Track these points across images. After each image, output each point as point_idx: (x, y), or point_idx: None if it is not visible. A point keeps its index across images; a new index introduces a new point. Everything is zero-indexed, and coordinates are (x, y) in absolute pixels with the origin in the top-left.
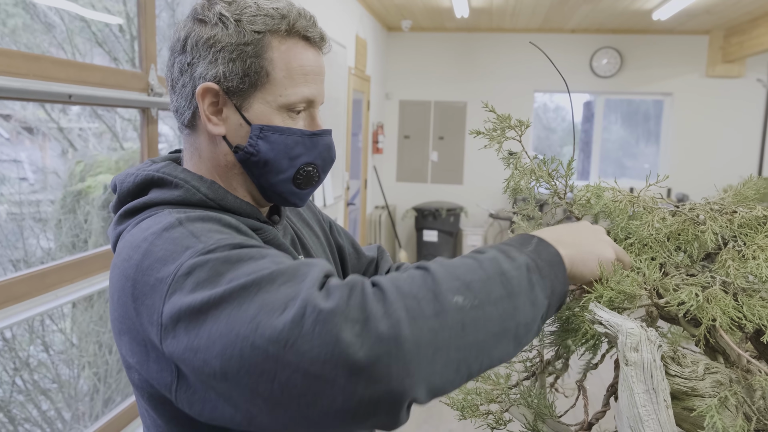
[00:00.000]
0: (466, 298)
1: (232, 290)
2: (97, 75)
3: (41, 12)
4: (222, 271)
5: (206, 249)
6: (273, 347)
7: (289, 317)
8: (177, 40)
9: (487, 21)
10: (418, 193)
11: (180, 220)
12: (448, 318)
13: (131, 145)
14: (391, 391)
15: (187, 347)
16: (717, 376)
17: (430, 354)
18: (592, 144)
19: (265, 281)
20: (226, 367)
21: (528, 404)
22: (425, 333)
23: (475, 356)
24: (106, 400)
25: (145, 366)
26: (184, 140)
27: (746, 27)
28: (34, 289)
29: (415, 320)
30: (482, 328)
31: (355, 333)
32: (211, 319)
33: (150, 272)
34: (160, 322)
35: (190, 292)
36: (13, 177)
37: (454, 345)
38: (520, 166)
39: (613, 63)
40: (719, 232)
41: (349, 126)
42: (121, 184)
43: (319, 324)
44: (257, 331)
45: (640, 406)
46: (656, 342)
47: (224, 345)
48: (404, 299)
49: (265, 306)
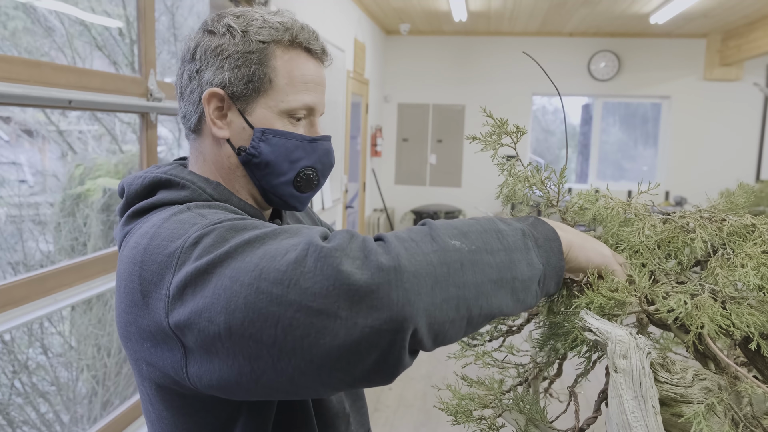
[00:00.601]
0: (463, 243)
1: (237, 246)
2: (96, 80)
3: (41, 15)
4: (227, 237)
5: (213, 222)
6: (276, 288)
7: (292, 258)
8: (187, 50)
9: (485, 24)
10: (416, 196)
11: (188, 206)
12: (446, 256)
13: (130, 148)
14: (392, 318)
15: (192, 311)
16: (706, 383)
17: (429, 285)
18: (591, 146)
19: (268, 236)
20: (230, 320)
21: (520, 409)
22: (424, 266)
23: (474, 297)
24: (104, 403)
25: (153, 353)
26: (191, 145)
27: (744, 30)
28: (34, 293)
29: (414, 255)
30: (480, 272)
31: (356, 266)
32: (215, 277)
33: (157, 250)
34: (167, 295)
35: (197, 258)
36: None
37: (453, 281)
38: (514, 173)
39: (611, 66)
40: (708, 240)
41: (347, 129)
42: (129, 186)
43: (320, 260)
44: (261, 276)
45: (629, 412)
46: (645, 349)
47: (228, 298)
48: (403, 242)
49: (268, 254)
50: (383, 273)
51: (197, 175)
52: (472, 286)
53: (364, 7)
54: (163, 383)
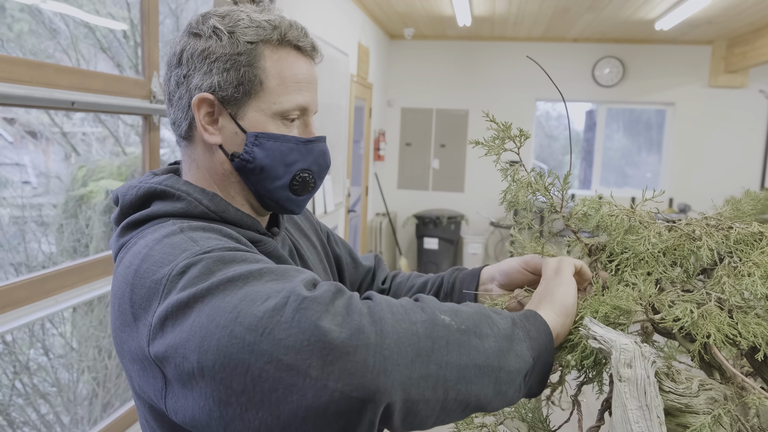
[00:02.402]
0: (453, 320)
1: (219, 283)
2: (99, 82)
3: (47, 17)
4: (214, 270)
5: (202, 250)
6: (250, 335)
7: (271, 305)
8: (173, 55)
9: (489, 29)
10: (419, 201)
11: (182, 228)
12: (434, 330)
13: (133, 150)
14: (364, 386)
15: (170, 344)
16: (711, 393)
17: (410, 357)
18: (594, 153)
19: (252, 276)
20: (203, 360)
21: (522, 417)
22: (408, 335)
23: (455, 379)
24: (104, 405)
25: (142, 376)
26: (182, 152)
27: (749, 37)
28: (35, 294)
29: (399, 321)
30: (465, 354)
31: (336, 322)
32: (195, 312)
33: (147, 275)
34: (151, 324)
35: (181, 290)
36: (16, 180)
37: (435, 359)
38: (518, 179)
39: (616, 72)
40: (715, 248)
41: (350, 133)
42: (123, 196)
43: (299, 312)
44: (237, 319)
45: (634, 422)
46: (650, 358)
47: (203, 337)
48: (391, 306)
49: (248, 296)
50: (363, 335)
51: (193, 186)
52: (455, 367)
53: (368, 12)
54: (141, 396)
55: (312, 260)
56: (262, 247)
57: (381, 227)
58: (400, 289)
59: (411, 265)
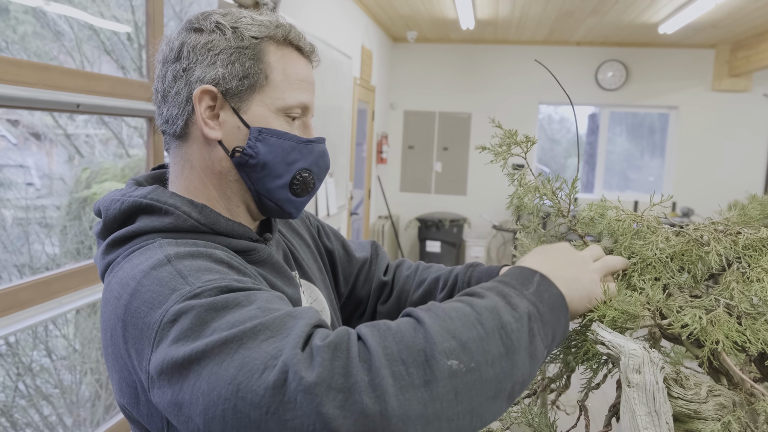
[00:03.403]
0: (461, 361)
1: (214, 345)
2: (104, 84)
3: (51, 20)
4: (206, 320)
5: (192, 293)
6: (255, 413)
7: (270, 382)
8: (170, 50)
9: (493, 33)
10: (421, 204)
11: (168, 257)
12: (440, 387)
13: (137, 152)
14: None
15: (171, 401)
16: (720, 399)
17: (419, 428)
18: (597, 156)
19: (246, 336)
20: (210, 426)
21: (529, 423)
22: (414, 405)
23: (468, 423)
24: (107, 407)
25: (135, 408)
26: (173, 153)
27: (753, 41)
28: (39, 296)
29: (403, 391)
30: (477, 393)
31: (338, 405)
32: (193, 375)
33: (138, 315)
34: (147, 371)
35: (173, 343)
36: (19, 182)
37: (446, 416)
38: (525, 183)
39: (619, 76)
40: (723, 253)
41: (353, 136)
42: (106, 210)
43: (300, 393)
44: (238, 393)
45: (642, 428)
46: (659, 364)
47: (206, 404)
48: (391, 365)
49: (245, 366)
50: (367, 420)
51: (180, 198)
52: (467, 413)
53: (372, 15)
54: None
55: (307, 261)
56: (256, 255)
57: (383, 230)
58: (408, 283)
59: None
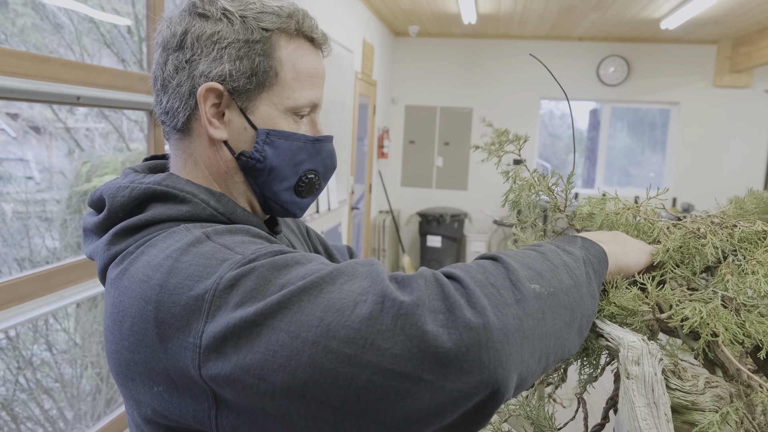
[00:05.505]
0: (541, 286)
1: (291, 294)
2: (105, 77)
3: (50, 12)
4: (270, 278)
5: (246, 259)
6: (349, 348)
7: (366, 313)
8: (172, 36)
9: (495, 27)
10: (422, 199)
11: (207, 234)
12: (530, 305)
13: (137, 146)
14: (483, 382)
15: (237, 366)
16: (717, 390)
17: (518, 342)
18: (598, 152)
19: (325, 281)
20: (290, 380)
21: (527, 415)
22: (511, 320)
23: (553, 345)
24: (108, 401)
25: (167, 399)
26: (174, 146)
27: (755, 37)
28: (39, 290)
29: (499, 308)
30: (558, 318)
31: (441, 323)
32: (268, 330)
33: (179, 290)
34: (198, 345)
35: (238, 306)
36: (19, 176)
37: (538, 333)
38: (520, 180)
39: (620, 71)
40: (719, 246)
41: (354, 130)
42: (112, 198)
43: (401, 318)
44: (328, 333)
45: (641, 419)
46: (657, 356)
47: (288, 356)
48: (483, 288)
49: (333, 305)
50: (472, 332)
51: (197, 186)
52: (552, 335)
53: (373, 9)
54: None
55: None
56: None
57: (384, 225)
58: None
59: (414, 262)
